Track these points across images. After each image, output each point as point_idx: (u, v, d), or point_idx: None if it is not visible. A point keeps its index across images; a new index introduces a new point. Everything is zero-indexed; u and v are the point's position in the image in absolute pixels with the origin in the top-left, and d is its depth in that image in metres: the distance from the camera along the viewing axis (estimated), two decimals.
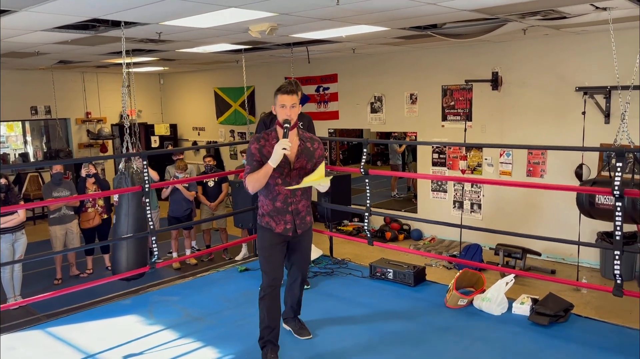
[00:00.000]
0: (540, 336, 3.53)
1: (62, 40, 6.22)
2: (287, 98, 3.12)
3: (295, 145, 3.20)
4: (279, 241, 3.29)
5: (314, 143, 3.30)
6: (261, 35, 5.67)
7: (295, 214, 3.27)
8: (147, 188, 4.35)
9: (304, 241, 3.40)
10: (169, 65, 10.54)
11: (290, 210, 3.24)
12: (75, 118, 12.15)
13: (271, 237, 3.27)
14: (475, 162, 8.35)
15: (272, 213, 3.24)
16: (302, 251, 3.44)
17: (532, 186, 6.49)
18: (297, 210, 3.27)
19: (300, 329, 3.64)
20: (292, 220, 3.26)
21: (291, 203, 3.24)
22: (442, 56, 8.50)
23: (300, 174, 3.20)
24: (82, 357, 3.45)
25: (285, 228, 3.25)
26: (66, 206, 7.05)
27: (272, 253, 3.28)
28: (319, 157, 3.31)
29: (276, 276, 3.28)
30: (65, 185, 7.08)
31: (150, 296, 4.52)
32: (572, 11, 5.15)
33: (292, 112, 3.12)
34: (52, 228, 7.04)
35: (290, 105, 3.11)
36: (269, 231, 3.27)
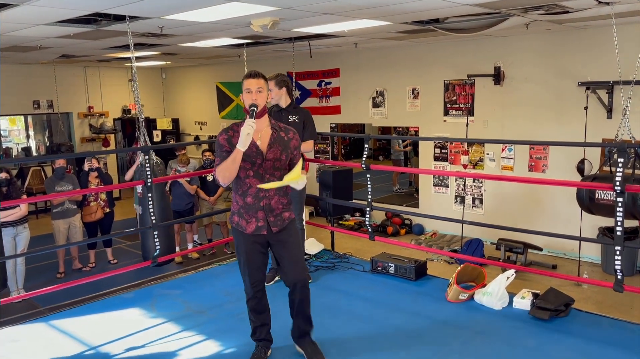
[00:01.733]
0: (540, 331, 3.54)
1: (64, 34, 6.22)
2: (251, 82, 2.94)
3: (267, 134, 3.00)
4: (253, 243, 3.03)
5: (289, 133, 3.08)
6: (263, 29, 5.67)
7: (268, 210, 3.00)
8: (150, 183, 4.37)
9: (287, 240, 3.07)
10: (171, 59, 10.54)
11: (262, 205, 2.98)
12: (78, 113, 12.16)
13: (244, 239, 3.04)
14: (477, 156, 8.34)
15: (241, 210, 3.01)
16: (287, 253, 3.07)
17: (533, 181, 6.49)
18: (270, 206, 3.00)
19: (313, 353, 3.16)
20: (265, 217, 2.99)
21: (263, 198, 2.98)
22: (444, 51, 8.48)
23: (274, 166, 2.98)
24: (85, 349, 3.47)
25: (257, 226, 2.99)
26: (69, 201, 7.08)
27: (247, 257, 3.05)
28: (295, 147, 3.08)
29: (255, 279, 3.08)
30: (68, 179, 7.10)
31: (153, 290, 4.54)
32: (575, 5, 5.14)
33: (258, 96, 2.92)
34: (55, 222, 7.07)
35: (256, 89, 2.93)
36: (240, 233, 3.04)
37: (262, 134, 2.99)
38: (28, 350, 3.48)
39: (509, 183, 7.74)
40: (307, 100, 10.38)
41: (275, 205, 3.03)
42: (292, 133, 3.10)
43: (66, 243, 7.03)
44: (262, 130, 3.00)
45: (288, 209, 3.11)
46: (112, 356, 3.38)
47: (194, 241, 8.19)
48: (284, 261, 3.09)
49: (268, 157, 2.97)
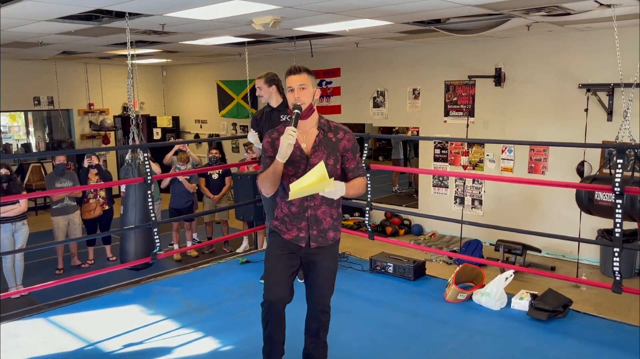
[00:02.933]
0: (538, 331, 3.55)
1: (65, 30, 6.22)
2: (293, 78, 2.63)
3: (312, 135, 2.67)
4: (286, 251, 2.72)
5: (338, 133, 2.70)
6: (264, 28, 5.67)
7: (313, 222, 2.68)
8: (150, 180, 4.37)
9: (323, 261, 2.73)
10: (172, 57, 10.53)
11: (307, 215, 2.68)
12: (78, 109, 12.16)
13: (278, 244, 2.74)
14: (477, 157, 8.35)
15: (285, 218, 2.73)
16: (321, 274, 2.75)
17: (532, 182, 6.50)
18: (316, 217, 2.68)
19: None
20: (307, 228, 2.69)
21: (308, 207, 2.67)
22: (445, 51, 8.49)
23: None
24: (84, 345, 3.48)
25: (297, 236, 2.70)
26: (69, 197, 7.09)
27: (275, 263, 2.72)
28: (345, 149, 2.69)
29: (276, 293, 2.70)
30: (68, 176, 7.12)
31: (152, 287, 4.55)
32: (577, 7, 5.15)
33: (301, 94, 2.61)
34: (54, 218, 7.08)
35: (298, 85, 2.62)
36: (277, 236, 2.76)
37: (308, 135, 2.67)
38: (27, 345, 3.48)
39: (509, 185, 7.76)
40: None
41: (322, 217, 2.70)
42: (343, 132, 2.71)
43: (65, 239, 7.05)
44: (309, 130, 2.68)
45: (336, 228, 2.77)
46: (111, 352, 3.39)
47: (193, 239, 8.20)
48: (312, 281, 2.78)
49: (313, 162, 2.61)
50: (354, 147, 2.72)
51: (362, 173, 2.72)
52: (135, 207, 4.48)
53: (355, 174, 2.70)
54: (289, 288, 2.74)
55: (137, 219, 4.46)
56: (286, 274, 2.71)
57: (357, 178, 2.68)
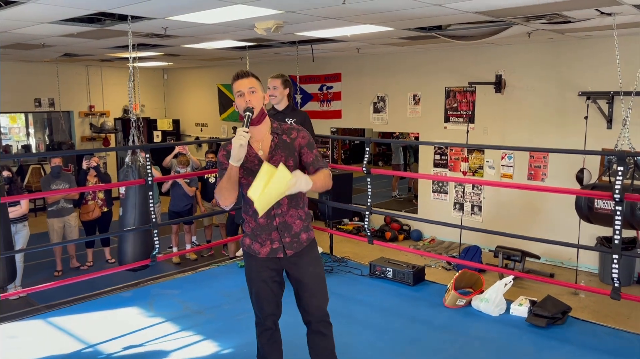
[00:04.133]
0: (537, 338, 3.55)
1: (68, 33, 6.24)
2: (241, 83, 2.53)
3: (267, 141, 2.56)
4: (268, 271, 2.60)
5: (292, 133, 2.59)
6: (267, 32, 5.70)
7: (283, 229, 2.57)
8: (150, 181, 4.38)
9: (306, 267, 2.62)
10: (173, 60, 10.57)
11: (276, 224, 2.56)
12: (79, 111, 12.18)
13: (257, 267, 2.61)
14: (477, 164, 8.37)
15: (255, 232, 2.60)
16: (308, 281, 2.62)
17: (531, 188, 6.51)
18: (285, 223, 2.57)
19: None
20: (279, 238, 2.57)
21: (275, 216, 2.55)
22: (446, 58, 8.52)
23: None
24: (83, 347, 3.48)
25: (272, 249, 2.58)
26: (65, 199, 7.05)
27: (259, 286, 2.61)
28: (300, 146, 2.58)
29: (268, 313, 2.64)
30: (64, 178, 7.07)
31: (151, 289, 4.55)
32: (577, 15, 5.18)
33: (251, 97, 2.50)
34: (49, 220, 7.07)
35: (248, 88, 2.51)
36: (253, 258, 2.63)
37: (263, 142, 2.57)
38: (26, 346, 3.48)
39: (508, 191, 7.77)
40: (309, 104, 10.41)
41: (291, 221, 2.59)
42: (296, 132, 2.60)
43: (63, 241, 7.04)
44: (263, 136, 2.57)
45: (307, 229, 2.66)
46: (109, 355, 3.39)
47: (192, 242, 8.20)
48: (302, 292, 2.64)
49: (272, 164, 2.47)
50: (309, 143, 2.61)
51: (322, 165, 2.59)
52: (135, 209, 4.48)
53: (315, 166, 2.58)
54: (279, 300, 2.69)
55: (136, 221, 4.46)
56: (273, 294, 2.64)
57: (319, 170, 2.55)
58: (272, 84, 4.33)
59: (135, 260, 4.50)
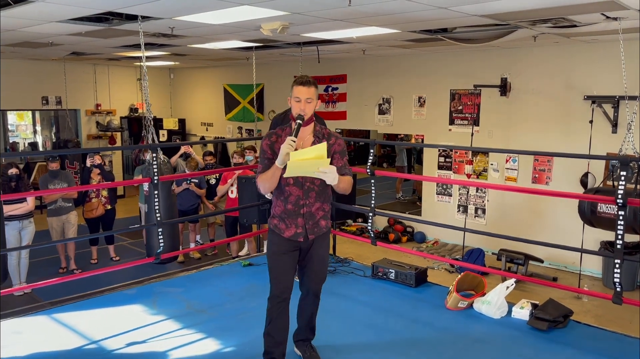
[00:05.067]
0: (538, 341, 3.56)
1: (76, 32, 6.29)
2: (302, 90, 2.83)
3: (308, 142, 2.92)
4: (288, 248, 2.99)
5: (331, 139, 2.96)
6: (273, 33, 5.73)
7: (308, 217, 2.96)
8: (156, 181, 4.41)
9: (318, 250, 3.06)
10: (179, 60, 10.62)
11: (302, 212, 2.95)
12: (85, 110, 12.26)
13: (279, 242, 3.00)
14: (481, 166, 8.37)
15: (282, 215, 2.98)
16: (315, 262, 3.07)
17: (535, 192, 6.50)
18: (310, 213, 2.97)
19: (311, 356, 3.25)
20: (304, 224, 2.96)
21: (303, 206, 2.95)
22: (451, 60, 8.52)
23: None
24: (86, 343, 3.51)
25: (296, 233, 2.97)
26: (62, 199, 6.98)
27: (280, 260, 3.00)
28: (334, 152, 2.94)
29: (284, 286, 3.01)
30: (62, 177, 6.99)
31: (154, 287, 4.58)
32: (583, 20, 5.18)
33: (306, 106, 2.84)
34: (49, 219, 7.04)
35: (305, 98, 2.83)
36: (277, 235, 3.01)
37: (305, 141, 2.92)
38: (30, 342, 3.52)
39: (512, 194, 7.77)
40: None
41: (316, 212, 2.99)
42: (334, 139, 2.98)
43: (64, 239, 7.01)
44: (305, 137, 2.92)
45: (326, 217, 3.07)
46: (112, 351, 3.42)
47: (196, 241, 8.23)
48: (307, 269, 3.09)
49: None
50: (342, 150, 3.00)
51: (348, 172, 2.99)
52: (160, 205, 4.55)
53: (341, 172, 2.91)
54: (292, 279, 3.07)
55: (162, 216, 4.54)
56: (289, 268, 3.03)
57: (344, 175, 2.92)
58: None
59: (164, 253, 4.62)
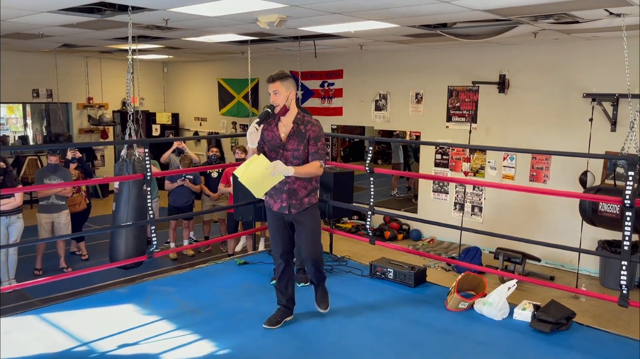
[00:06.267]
0: (541, 344, 3.48)
1: (67, 22, 6.14)
2: (269, 86, 3.43)
3: (289, 128, 3.46)
4: (278, 220, 3.58)
5: (307, 126, 3.48)
6: (270, 26, 5.61)
7: (291, 194, 3.48)
8: (149, 177, 4.29)
9: (304, 223, 3.54)
10: (173, 53, 10.46)
11: (286, 189, 3.47)
12: (77, 103, 12.07)
13: (271, 216, 3.62)
14: (478, 164, 8.30)
15: (271, 191, 3.51)
16: (303, 233, 3.56)
17: (536, 191, 6.43)
18: (293, 189, 3.48)
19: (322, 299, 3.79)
20: (287, 199, 3.49)
21: (286, 183, 3.45)
22: (449, 56, 8.43)
23: (293, 155, 3.43)
24: (77, 344, 3.39)
25: (281, 206, 3.51)
26: (56, 196, 6.78)
27: (273, 229, 3.62)
28: (310, 138, 3.44)
29: (284, 248, 3.61)
30: (59, 174, 6.78)
31: (147, 286, 4.46)
32: (586, 16, 5.10)
33: (274, 97, 3.41)
34: (39, 215, 6.81)
35: (272, 91, 3.41)
36: (269, 209, 3.62)
37: (286, 128, 3.47)
38: (19, 343, 3.39)
39: (509, 192, 7.67)
40: (309, 100, 10.32)
41: (298, 189, 3.49)
42: (311, 125, 3.48)
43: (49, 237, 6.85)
44: (287, 124, 3.47)
45: (310, 195, 3.55)
46: (104, 352, 3.30)
47: (189, 237, 8.12)
48: (299, 240, 3.60)
49: (288, 148, 3.45)
50: (317, 136, 3.46)
51: (317, 157, 3.44)
52: (128, 204, 4.35)
53: (312, 157, 3.44)
54: (288, 242, 3.65)
55: (129, 216, 4.33)
56: (281, 234, 3.61)
57: (313, 161, 3.43)
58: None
59: (128, 257, 4.37)
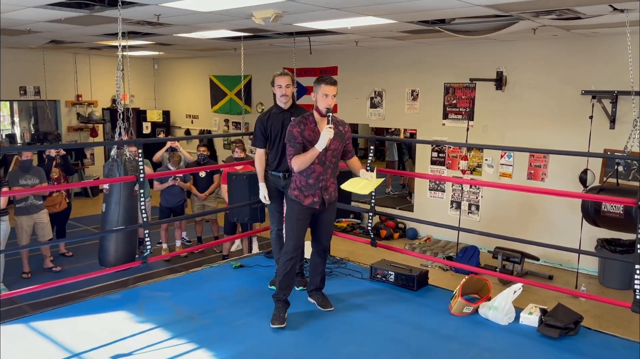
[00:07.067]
0: (550, 349, 3.37)
1: (54, 18, 5.94)
2: (330, 88, 3.57)
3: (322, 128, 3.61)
4: (305, 213, 3.69)
5: (345, 127, 3.78)
6: (265, 22, 5.45)
7: (324, 190, 3.67)
8: (142, 178, 4.13)
9: (328, 213, 3.79)
10: (164, 50, 10.25)
11: (321, 186, 3.65)
12: (66, 101, 11.83)
13: (299, 209, 3.68)
14: (476, 162, 8.20)
15: (303, 188, 3.65)
16: (324, 223, 3.81)
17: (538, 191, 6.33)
18: (326, 186, 3.69)
19: (323, 301, 3.94)
20: (320, 195, 3.66)
21: (322, 180, 3.65)
22: (446, 53, 8.32)
23: (333, 154, 3.65)
24: (67, 356, 3.23)
25: (313, 201, 3.66)
26: (34, 196, 6.57)
27: (298, 223, 3.69)
28: (348, 138, 3.77)
29: (298, 245, 3.72)
30: (34, 172, 6.52)
31: (141, 291, 4.31)
32: (589, 12, 4.99)
33: (332, 101, 3.60)
34: (17, 218, 6.56)
35: (332, 94, 3.59)
36: (298, 204, 3.68)
37: (321, 127, 3.63)
38: (8, 354, 3.23)
39: (506, 190, 7.59)
40: (304, 97, 10.16)
41: (330, 185, 3.72)
42: (346, 126, 3.79)
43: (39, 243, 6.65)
44: (324, 125, 3.61)
45: (336, 189, 3.81)
46: None
47: (182, 238, 7.96)
48: (319, 229, 3.83)
49: (330, 148, 3.61)
50: (351, 136, 3.87)
51: (354, 153, 3.90)
52: (119, 205, 4.17)
53: (352, 154, 3.87)
54: (304, 238, 3.81)
55: (120, 218, 4.16)
56: (303, 231, 3.74)
57: (355, 156, 3.89)
58: (285, 82, 4.10)
59: (117, 261, 4.20)
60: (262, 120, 4.21)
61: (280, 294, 3.71)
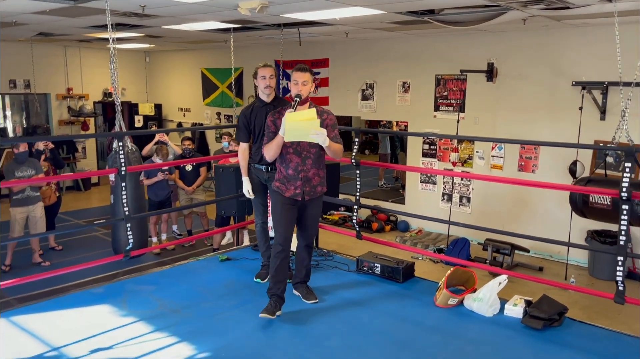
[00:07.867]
0: (533, 341, 3.36)
1: (39, 9, 5.87)
2: (299, 74, 3.52)
3: None
4: (288, 204, 3.63)
5: (323, 114, 3.61)
6: (251, 13, 5.39)
7: (305, 181, 3.60)
8: (124, 172, 4.09)
9: (311, 209, 3.73)
10: (155, 42, 10.18)
11: (301, 177, 3.58)
12: (56, 94, 11.74)
13: (281, 200, 3.64)
14: (467, 154, 8.18)
15: (283, 179, 3.62)
16: (308, 219, 3.76)
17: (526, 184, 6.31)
18: (307, 177, 3.60)
19: (308, 294, 3.92)
20: (302, 186, 3.59)
21: (301, 171, 3.58)
22: (436, 44, 8.27)
23: (310, 144, 3.53)
24: (46, 350, 3.20)
25: (295, 193, 3.60)
26: (31, 187, 6.60)
27: (282, 214, 3.65)
28: (327, 126, 3.54)
29: (285, 237, 3.64)
30: (30, 164, 6.56)
31: (125, 285, 4.27)
32: (577, 1, 4.95)
33: (303, 88, 3.51)
34: (12, 209, 6.58)
35: (302, 81, 3.51)
36: (279, 194, 3.65)
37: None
38: None
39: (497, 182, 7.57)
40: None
41: (312, 177, 3.63)
42: (326, 114, 3.64)
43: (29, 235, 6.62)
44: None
45: (321, 183, 3.71)
46: (75, 358, 3.12)
47: (173, 231, 7.92)
48: (303, 225, 3.78)
49: None
50: (334, 124, 3.67)
51: (339, 141, 3.61)
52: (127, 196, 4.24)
53: (334, 141, 3.57)
54: (291, 229, 3.71)
55: (130, 208, 4.23)
56: (289, 222, 3.67)
57: (336, 143, 3.59)
58: (268, 74, 4.04)
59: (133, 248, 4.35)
60: (245, 114, 4.16)
61: (274, 288, 3.64)
